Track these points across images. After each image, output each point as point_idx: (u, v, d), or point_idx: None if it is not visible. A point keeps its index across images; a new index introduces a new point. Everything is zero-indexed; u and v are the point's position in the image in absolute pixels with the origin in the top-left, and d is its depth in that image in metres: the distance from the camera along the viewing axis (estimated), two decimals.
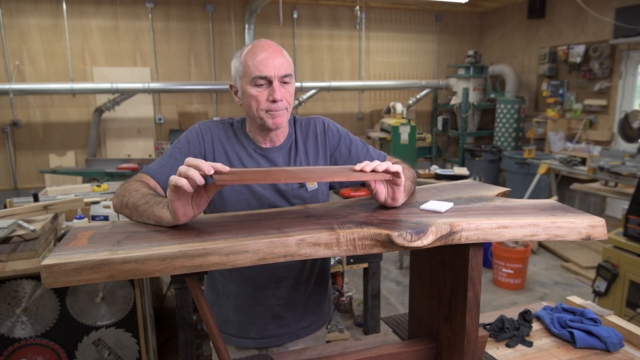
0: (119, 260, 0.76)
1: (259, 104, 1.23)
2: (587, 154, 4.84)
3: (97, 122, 5.84)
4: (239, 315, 1.38)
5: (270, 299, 1.36)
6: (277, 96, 1.22)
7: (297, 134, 1.38)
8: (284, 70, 1.23)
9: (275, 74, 1.21)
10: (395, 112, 6.61)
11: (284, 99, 1.24)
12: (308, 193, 1.34)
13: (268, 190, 1.31)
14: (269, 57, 1.21)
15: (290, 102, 1.27)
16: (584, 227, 0.93)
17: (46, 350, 2.13)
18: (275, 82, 1.22)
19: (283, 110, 1.25)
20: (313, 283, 1.42)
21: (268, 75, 1.21)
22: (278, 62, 1.21)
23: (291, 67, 1.26)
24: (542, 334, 1.31)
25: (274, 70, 1.21)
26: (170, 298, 3.54)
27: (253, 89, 1.23)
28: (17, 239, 1.95)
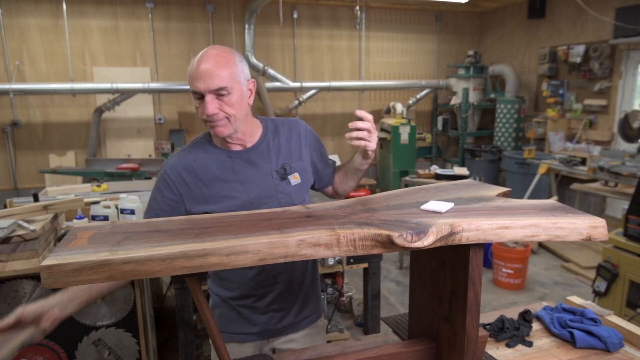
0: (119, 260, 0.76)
1: (199, 115, 1.26)
2: (587, 154, 4.84)
3: (97, 122, 5.84)
4: (240, 311, 1.42)
5: (270, 294, 1.40)
6: (208, 111, 1.22)
7: (277, 132, 1.41)
8: (217, 83, 1.20)
9: (206, 88, 1.20)
10: (395, 112, 6.61)
11: (219, 112, 1.23)
12: (292, 187, 1.37)
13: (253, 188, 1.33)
14: (202, 70, 1.20)
15: (232, 111, 1.25)
16: (584, 228, 0.92)
17: (46, 350, 2.13)
18: (207, 97, 1.21)
19: (222, 121, 1.25)
20: (309, 274, 1.47)
21: (199, 90, 1.21)
22: (210, 76, 1.19)
23: (230, 79, 1.22)
24: (542, 334, 1.31)
25: (204, 84, 1.20)
26: (170, 298, 3.54)
27: (194, 101, 1.26)
28: (17, 239, 1.95)
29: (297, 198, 1.37)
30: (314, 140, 1.48)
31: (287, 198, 1.35)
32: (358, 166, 1.42)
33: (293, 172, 1.37)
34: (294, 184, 1.37)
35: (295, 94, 6.69)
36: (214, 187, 1.31)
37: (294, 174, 1.37)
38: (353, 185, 1.53)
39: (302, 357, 1.19)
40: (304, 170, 1.41)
